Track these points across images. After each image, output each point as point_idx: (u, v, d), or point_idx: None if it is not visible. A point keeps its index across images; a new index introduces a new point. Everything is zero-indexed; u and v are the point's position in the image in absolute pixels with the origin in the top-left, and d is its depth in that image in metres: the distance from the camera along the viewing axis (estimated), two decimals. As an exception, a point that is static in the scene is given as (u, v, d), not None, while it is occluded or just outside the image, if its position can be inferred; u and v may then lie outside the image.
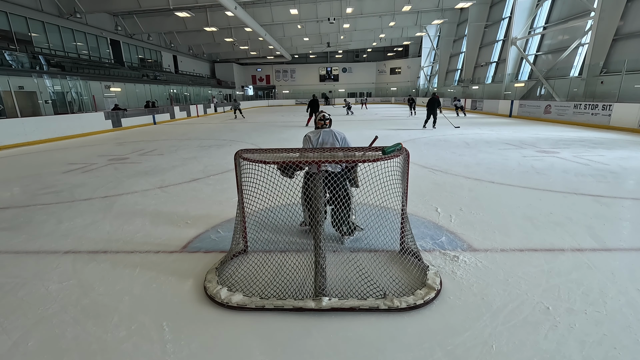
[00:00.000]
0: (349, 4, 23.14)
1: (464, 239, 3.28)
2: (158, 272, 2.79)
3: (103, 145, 10.80)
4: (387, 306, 2.22)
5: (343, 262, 2.76)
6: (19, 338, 2.06)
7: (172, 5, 18.32)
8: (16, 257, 3.16)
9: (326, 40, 35.22)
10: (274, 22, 25.42)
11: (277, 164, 2.81)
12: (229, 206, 4.33)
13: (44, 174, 6.67)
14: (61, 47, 19.58)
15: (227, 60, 42.69)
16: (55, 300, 2.43)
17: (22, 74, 14.69)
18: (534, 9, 18.99)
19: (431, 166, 6.48)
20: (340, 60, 48.42)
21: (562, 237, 3.27)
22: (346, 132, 3.50)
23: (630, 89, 12.55)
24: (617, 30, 13.46)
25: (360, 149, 3.01)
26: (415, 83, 40.82)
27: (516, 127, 13.38)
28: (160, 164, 7.32)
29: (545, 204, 4.27)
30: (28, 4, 17.15)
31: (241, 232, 3.02)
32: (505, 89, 21.04)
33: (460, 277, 2.61)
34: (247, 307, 2.26)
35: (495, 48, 24.06)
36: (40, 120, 12.00)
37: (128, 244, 3.34)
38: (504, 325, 2.07)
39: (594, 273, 2.63)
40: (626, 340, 1.94)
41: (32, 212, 4.38)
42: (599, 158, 6.97)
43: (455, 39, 30.78)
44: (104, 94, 19.52)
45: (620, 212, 3.95)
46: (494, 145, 8.80)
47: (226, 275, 2.66)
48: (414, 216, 3.85)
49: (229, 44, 32.53)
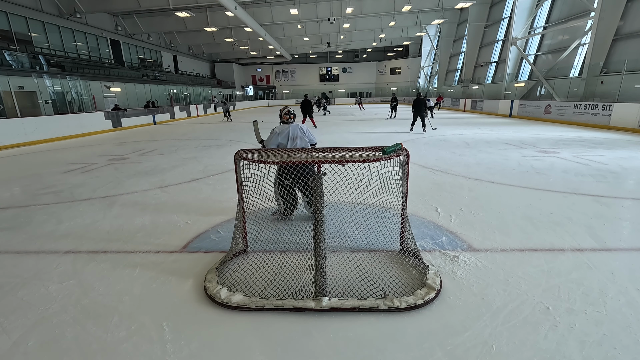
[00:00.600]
0: (349, 4, 23.13)
1: (464, 239, 3.28)
2: (158, 272, 2.79)
3: (103, 145, 10.80)
4: (387, 306, 2.22)
5: (343, 262, 2.76)
6: (19, 338, 2.06)
7: (172, 5, 18.32)
8: (16, 257, 3.16)
9: (326, 40, 35.21)
10: (274, 22, 25.41)
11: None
12: (229, 206, 4.32)
13: (44, 174, 6.67)
14: (61, 47, 19.58)
15: (227, 60, 42.69)
16: (55, 300, 2.43)
17: (22, 74, 14.69)
18: (534, 9, 18.98)
19: (431, 166, 6.48)
20: (340, 60, 48.41)
21: (562, 237, 3.27)
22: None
23: (630, 89, 12.54)
24: (617, 30, 13.46)
25: (359, 149, 3.01)
26: (415, 83, 40.81)
27: (516, 127, 13.38)
28: (160, 164, 7.32)
29: (545, 204, 4.27)
30: (28, 4, 17.15)
31: (241, 232, 3.02)
32: (505, 89, 21.03)
33: (460, 277, 2.61)
34: (247, 307, 2.26)
35: (495, 48, 24.05)
36: (40, 120, 12.00)
37: (128, 244, 3.34)
38: (504, 325, 2.07)
39: (594, 273, 2.63)
40: (626, 340, 1.94)
41: (32, 212, 4.38)
42: (599, 158, 6.97)
43: (455, 39, 30.77)
44: (104, 94, 19.52)
45: (620, 212, 3.95)
46: (494, 145, 8.80)
47: (226, 275, 2.66)
48: (414, 216, 3.85)
49: (229, 44, 32.53)
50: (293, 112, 3.71)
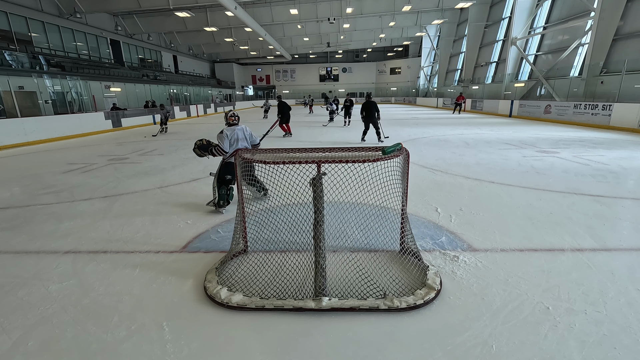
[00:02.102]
0: (349, 4, 23.12)
1: (464, 239, 3.28)
2: (158, 272, 2.79)
3: (103, 145, 10.80)
4: (387, 306, 2.22)
5: (343, 262, 2.76)
6: (19, 338, 2.06)
7: (172, 5, 18.32)
8: (16, 257, 3.16)
9: (326, 40, 35.20)
10: (274, 22, 25.41)
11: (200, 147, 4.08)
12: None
13: (44, 174, 6.67)
14: (61, 47, 19.57)
15: (227, 60, 42.68)
16: (55, 300, 2.43)
17: (22, 74, 14.68)
18: (534, 9, 18.98)
19: (431, 166, 6.48)
20: (340, 60, 48.40)
21: (562, 237, 3.27)
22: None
23: (630, 89, 12.54)
24: (617, 30, 13.46)
25: (359, 149, 3.01)
26: (415, 83, 40.81)
27: (516, 127, 13.38)
28: (160, 164, 7.32)
29: (545, 204, 4.27)
30: (28, 4, 17.14)
31: (241, 232, 3.02)
32: (505, 89, 21.03)
33: (460, 277, 2.61)
34: (247, 307, 2.26)
35: (495, 48, 24.04)
36: (40, 120, 12.00)
37: (128, 244, 3.34)
38: (504, 325, 2.07)
39: (594, 273, 2.63)
40: (626, 340, 1.94)
41: (32, 212, 4.38)
42: (599, 158, 6.97)
43: (455, 39, 30.76)
44: (104, 94, 19.51)
45: (620, 212, 3.95)
46: (494, 145, 8.80)
47: (226, 275, 2.66)
48: (414, 216, 3.85)
49: (229, 44, 32.53)
50: (237, 115, 4.26)
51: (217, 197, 4.07)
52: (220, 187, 4.09)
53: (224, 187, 4.09)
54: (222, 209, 4.10)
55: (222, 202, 4.08)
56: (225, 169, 4.10)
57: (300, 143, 10.26)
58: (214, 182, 4.13)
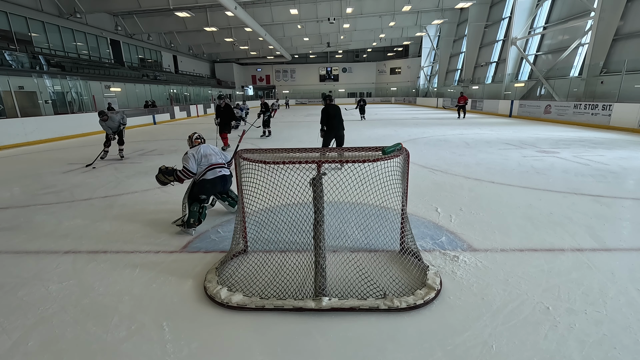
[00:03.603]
0: (349, 4, 23.12)
1: (464, 239, 3.28)
2: (158, 272, 2.79)
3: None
4: (387, 306, 2.22)
5: (343, 262, 2.76)
6: (19, 338, 2.06)
7: (172, 5, 18.32)
8: (16, 257, 3.16)
9: (326, 40, 35.19)
10: (274, 22, 25.40)
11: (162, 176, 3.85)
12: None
13: (44, 174, 6.67)
14: (61, 47, 19.57)
15: (227, 60, 42.67)
16: (55, 300, 2.43)
17: (22, 74, 14.68)
18: (534, 9, 18.98)
19: (431, 166, 6.48)
20: (340, 60, 48.38)
21: (562, 237, 3.27)
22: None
23: (630, 89, 12.54)
24: (617, 30, 13.45)
25: (360, 149, 3.01)
26: (415, 83, 40.81)
27: (516, 127, 13.38)
28: (160, 164, 7.30)
29: (545, 204, 4.26)
30: (28, 4, 17.14)
31: (241, 232, 3.02)
32: (505, 89, 21.03)
33: (460, 277, 2.61)
34: (247, 307, 2.26)
35: (495, 48, 24.04)
36: (40, 120, 12.00)
37: (128, 244, 3.34)
38: (504, 325, 2.07)
39: (594, 273, 2.63)
40: (626, 340, 1.94)
41: (32, 212, 4.38)
42: (599, 158, 6.97)
43: (455, 39, 30.75)
44: (104, 94, 19.50)
45: (620, 212, 3.95)
46: (494, 145, 8.80)
47: (226, 275, 2.66)
48: (414, 216, 3.85)
49: (229, 44, 32.52)
50: (202, 137, 4.10)
51: (188, 214, 3.58)
52: (191, 204, 3.64)
53: (196, 204, 3.64)
54: (191, 229, 3.56)
55: (192, 220, 3.55)
56: (199, 188, 3.70)
57: (300, 143, 10.26)
58: (185, 198, 3.70)
